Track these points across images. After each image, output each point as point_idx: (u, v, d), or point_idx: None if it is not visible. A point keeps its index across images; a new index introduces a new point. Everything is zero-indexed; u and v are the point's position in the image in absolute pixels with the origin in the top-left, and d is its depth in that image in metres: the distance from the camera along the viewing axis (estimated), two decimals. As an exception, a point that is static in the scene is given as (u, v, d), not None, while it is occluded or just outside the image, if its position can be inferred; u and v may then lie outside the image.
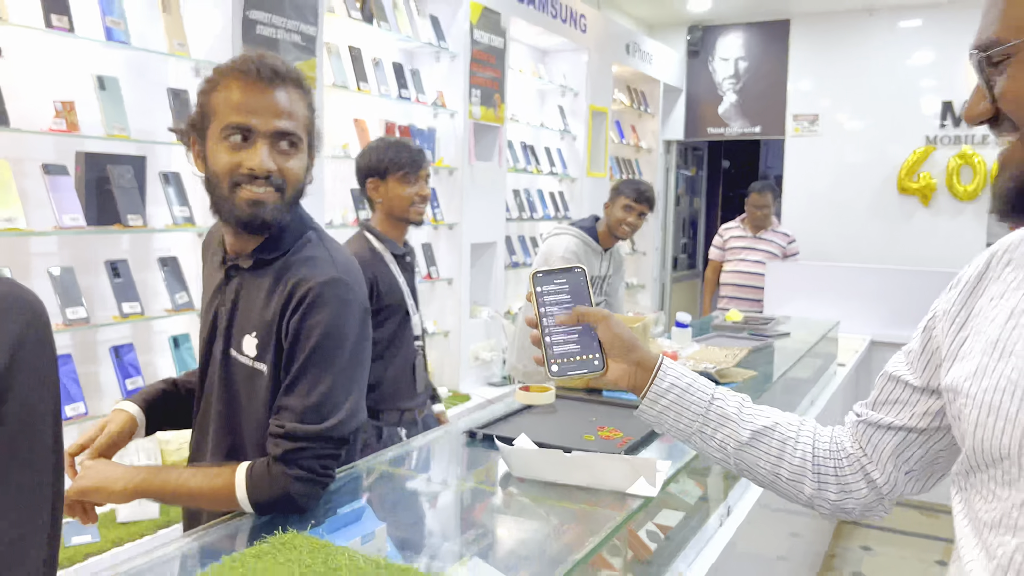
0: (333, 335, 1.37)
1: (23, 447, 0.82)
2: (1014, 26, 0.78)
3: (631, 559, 1.77)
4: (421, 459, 1.81)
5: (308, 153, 1.45)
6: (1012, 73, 0.79)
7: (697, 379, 1.12)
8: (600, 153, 6.18)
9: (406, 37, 4.05)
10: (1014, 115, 0.80)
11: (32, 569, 0.85)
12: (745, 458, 1.10)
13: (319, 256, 1.44)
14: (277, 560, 1.20)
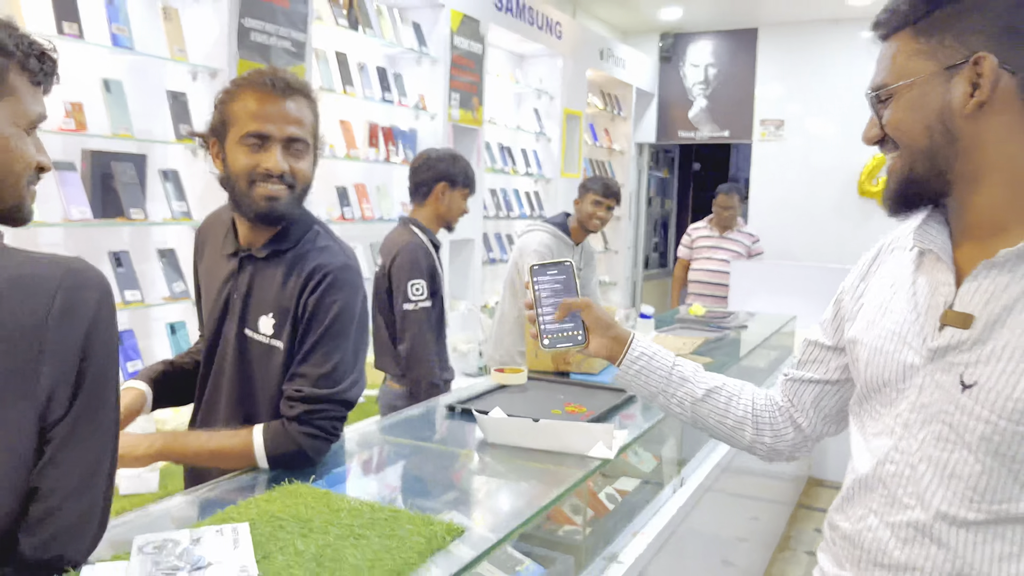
0: (345, 313, 1.60)
1: (100, 396, 1.04)
2: (895, 73, 1.05)
3: (591, 517, 2.00)
4: (407, 428, 2.03)
5: (313, 155, 1.66)
6: (894, 107, 1.06)
7: (661, 350, 1.39)
8: (574, 155, 6.42)
9: (389, 43, 4.26)
10: (895, 138, 1.07)
11: (102, 487, 1.07)
12: (699, 411, 1.35)
13: (331, 247, 1.67)
14: (286, 503, 1.41)
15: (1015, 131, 1.00)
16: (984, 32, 0.98)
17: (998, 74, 0.98)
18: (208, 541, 1.21)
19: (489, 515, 1.53)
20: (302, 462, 1.58)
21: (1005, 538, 1.01)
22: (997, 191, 1.02)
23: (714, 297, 5.37)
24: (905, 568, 1.07)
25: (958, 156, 1.02)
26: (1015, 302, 1.00)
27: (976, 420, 1.01)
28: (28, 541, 1.02)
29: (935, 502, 1.05)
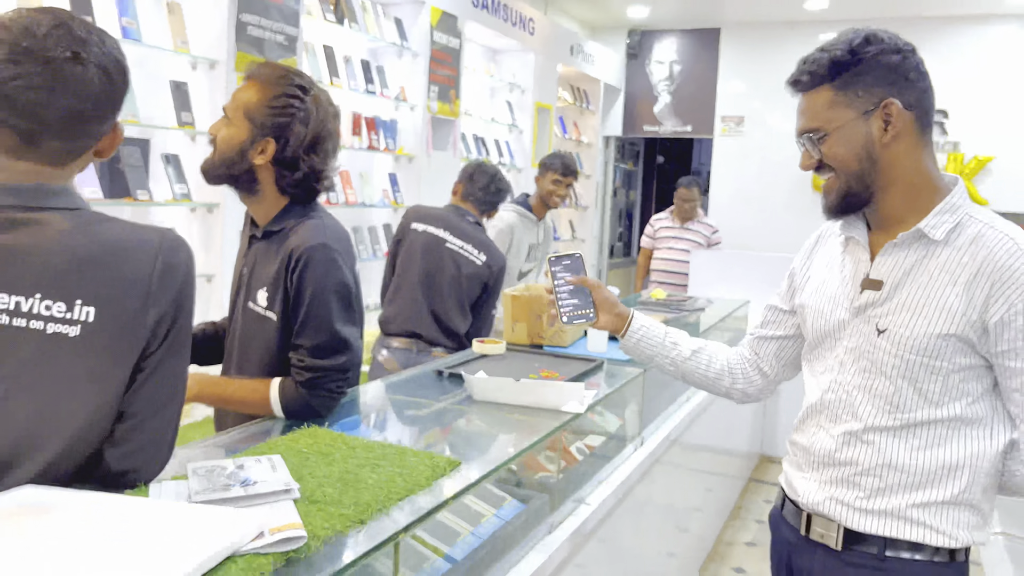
0: (323, 291, 1.78)
1: (182, 339, 1.29)
2: (825, 119, 1.41)
3: (564, 467, 2.27)
4: (403, 387, 2.29)
5: (241, 128, 1.78)
6: (829, 144, 1.41)
7: (655, 323, 1.76)
8: (544, 146, 6.69)
9: (373, 37, 4.49)
10: (834, 166, 1.42)
11: (174, 415, 1.32)
12: (687, 367, 1.73)
13: (314, 226, 1.83)
14: (307, 442, 1.66)
15: (912, 151, 1.39)
16: (883, 83, 1.37)
17: (902, 113, 1.36)
18: (250, 466, 1.45)
19: (480, 454, 1.80)
20: (312, 416, 1.82)
21: (915, 435, 1.41)
22: (900, 195, 1.41)
23: (675, 285, 5.67)
24: (846, 463, 1.46)
25: (878, 174, 1.39)
26: (911, 269, 1.40)
27: (889, 356, 1.40)
28: (112, 453, 1.26)
29: (863, 415, 1.44)
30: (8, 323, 1.14)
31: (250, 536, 1.14)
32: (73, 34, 1.17)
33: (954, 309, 1.34)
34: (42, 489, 1.19)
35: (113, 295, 1.19)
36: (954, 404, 1.38)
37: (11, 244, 1.15)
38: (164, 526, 1.13)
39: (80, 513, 1.13)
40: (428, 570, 1.59)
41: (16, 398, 1.15)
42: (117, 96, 1.27)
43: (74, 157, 1.24)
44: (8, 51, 1.15)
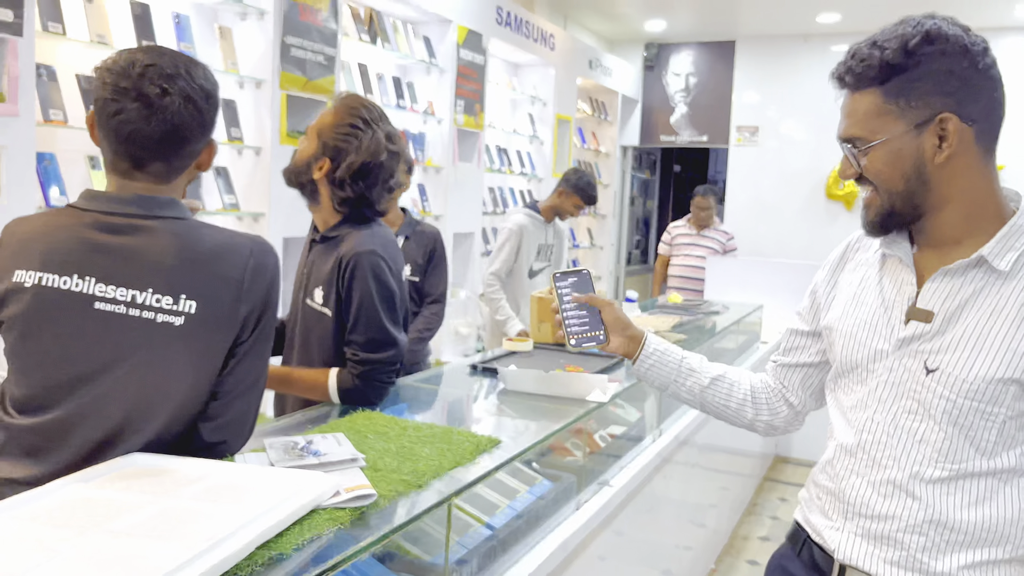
0: (369, 293, 2.00)
1: (268, 330, 1.52)
2: (870, 129, 1.21)
3: (588, 452, 2.49)
4: (444, 380, 2.52)
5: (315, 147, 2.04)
6: (872, 158, 1.22)
7: (671, 346, 1.57)
8: (564, 156, 6.92)
9: (403, 55, 4.74)
10: (876, 183, 1.24)
11: (257, 396, 1.55)
12: (706, 397, 1.54)
13: (366, 233, 2.07)
14: (364, 423, 1.89)
15: (971, 169, 1.19)
16: (941, 93, 1.16)
17: (960, 128, 1.16)
18: (318, 442, 1.68)
19: (515, 435, 2.02)
20: (364, 402, 2.04)
21: (965, 490, 1.22)
22: (955, 215, 1.22)
23: (692, 291, 5.85)
24: (886, 517, 1.27)
25: (929, 195, 1.21)
26: (967, 302, 1.20)
27: (939, 398, 1.21)
28: (205, 426, 1.49)
29: (908, 463, 1.25)
30: (125, 312, 1.36)
31: (330, 493, 1.36)
32: (162, 72, 1.36)
33: (1019, 351, 1.16)
34: (153, 456, 1.42)
35: (212, 291, 1.41)
36: (1008, 454, 1.21)
37: (129, 245, 1.37)
38: (261, 483, 1.36)
39: (193, 474, 1.36)
40: (472, 535, 1.80)
41: (130, 376, 1.38)
42: (206, 120, 1.44)
43: (177, 173, 1.45)
44: (111, 91, 1.35)
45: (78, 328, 1.36)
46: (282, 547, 1.19)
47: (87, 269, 1.36)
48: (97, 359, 1.37)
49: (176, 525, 1.15)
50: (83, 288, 1.36)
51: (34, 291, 1.36)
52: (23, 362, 1.40)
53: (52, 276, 1.36)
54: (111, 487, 1.27)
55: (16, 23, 2.56)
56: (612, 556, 2.40)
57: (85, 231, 1.37)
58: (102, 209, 1.38)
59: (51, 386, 1.38)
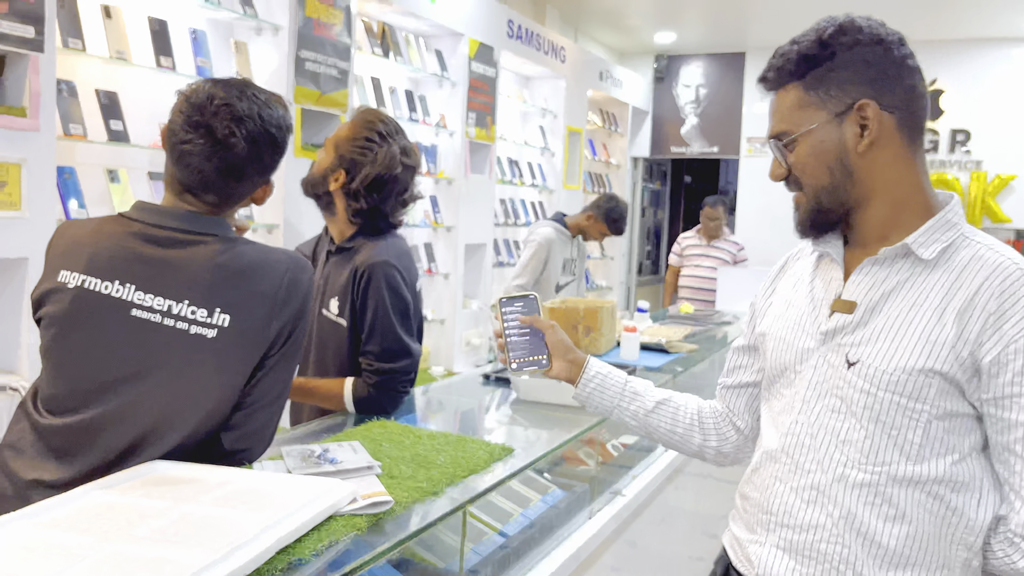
0: (383, 304, 2.02)
1: (297, 345, 1.55)
2: (793, 122, 1.21)
3: (601, 462, 2.50)
4: (456, 390, 2.54)
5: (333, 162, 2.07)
6: (797, 152, 1.22)
7: (614, 370, 1.50)
8: (575, 168, 6.95)
9: (416, 68, 4.79)
10: (801, 179, 1.23)
11: (279, 408, 1.58)
12: (651, 422, 1.47)
13: (382, 244, 2.10)
14: (380, 432, 1.91)
15: (896, 160, 1.18)
16: (858, 82, 1.16)
17: (880, 115, 1.15)
18: (335, 450, 1.70)
19: (528, 443, 2.03)
20: (379, 411, 2.07)
21: (890, 500, 1.14)
22: (882, 209, 1.19)
23: (702, 301, 5.86)
24: (808, 527, 1.20)
25: (854, 187, 1.19)
26: (891, 291, 1.16)
27: (860, 392, 1.15)
28: (227, 436, 1.51)
29: (831, 465, 1.18)
30: (160, 321, 1.41)
31: (347, 500, 1.38)
32: (235, 113, 1.41)
33: (940, 341, 1.10)
34: (174, 463, 1.44)
35: (246, 306, 1.44)
36: (937, 461, 1.13)
37: (171, 257, 1.42)
38: (280, 490, 1.38)
39: (213, 480, 1.38)
40: (486, 542, 1.82)
41: (159, 384, 1.42)
42: (267, 163, 1.49)
43: (229, 205, 1.49)
44: (184, 120, 1.42)
45: (114, 332, 1.40)
46: (301, 552, 1.22)
47: (128, 276, 1.41)
48: (129, 365, 1.40)
49: (197, 530, 1.18)
50: (122, 294, 1.41)
51: (76, 292, 1.41)
52: (58, 360, 1.44)
53: (95, 280, 1.41)
54: (133, 494, 1.30)
55: (37, 39, 2.61)
56: (624, 567, 2.41)
57: (131, 240, 1.42)
58: (150, 221, 1.43)
59: (82, 387, 1.42)
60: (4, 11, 2.52)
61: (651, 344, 3.18)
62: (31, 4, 2.59)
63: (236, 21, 3.55)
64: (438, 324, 5.21)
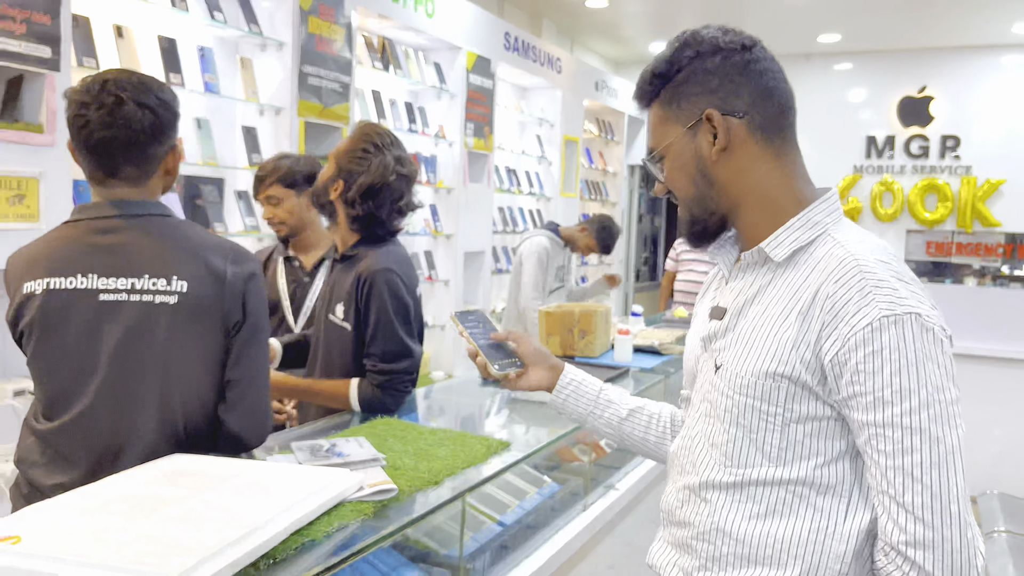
0: (385, 309, 2.14)
1: (257, 324, 1.64)
2: (657, 138, 1.24)
3: (594, 458, 2.61)
4: (456, 391, 2.65)
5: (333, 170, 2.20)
6: (667, 167, 1.24)
7: (588, 377, 1.50)
8: (572, 176, 7.07)
9: (415, 81, 4.92)
10: (673, 192, 1.25)
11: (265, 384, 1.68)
12: (625, 429, 1.45)
13: (382, 252, 2.21)
14: (383, 428, 2.02)
15: (755, 163, 1.17)
16: (704, 92, 1.17)
17: (728, 122, 1.16)
18: (342, 444, 1.81)
19: (524, 438, 2.15)
20: (383, 410, 2.17)
21: (754, 498, 1.14)
22: (753, 214, 1.19)
23: (698, 305, 5.95)
24: (684, 523, 1.24)
25: (719, 195, 1.19)
26: (754, 296, 1.17)
27: (722, 396, 1.17)
28: (229, 416, 1.62)
29: (703, 468, 1.20)
30: (127, 299, 1.53)
31: (354, 488, 1.49)
32: (119, 83, 1.53)
33: (785, 344, 1.09)
34: (192, 456, 1.56)
35: (198, 275, 1.56)
36: (800, 464, 1.11)
37: (123, 241, 1.54)
38: (292, 479, 1.49)
39: (230, 471, 1.49)
40: (484, 531, 1.93)
41: (140, 356, 1.54)
42: (164, 124, 1.58)
43: (148, 177, 1.60)
44: (76, 107, 1.53)
45: (88, 319, 1.53)
46: (313, 534, 1.33)
47: (88, 267, 1.53)
48: (108, 345, 1.53)
49: (218, 514, 1.28)
50: (87, 284, 1.53)
51: (44, 295, 1.53)
52: (44, 363, 1.56)
53: (58, 279, 1.53)
54: (155, 484, 1.40)
55: (54, 59, 2.73)
56: (621, 565, 2.51)
57: (82, 237, 1.54)
58: (93, 215, 1.55)
59: (71, 379, 1.54)
60: (23, 32, 2.65)
61: (644, 346, 3.29)
62: (48, 25, 2.71)
63: (241, 38, 3.68)
64: (438, 330, 5.32)
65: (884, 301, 1.03)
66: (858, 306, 1.04)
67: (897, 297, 1.03)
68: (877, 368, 1.02)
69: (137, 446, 1.54)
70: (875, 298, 1.03)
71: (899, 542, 1.02)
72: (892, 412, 1.02)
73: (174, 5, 3.20)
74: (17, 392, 2.68)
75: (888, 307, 1.03)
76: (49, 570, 1.11)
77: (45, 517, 1.26)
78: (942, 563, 0.99)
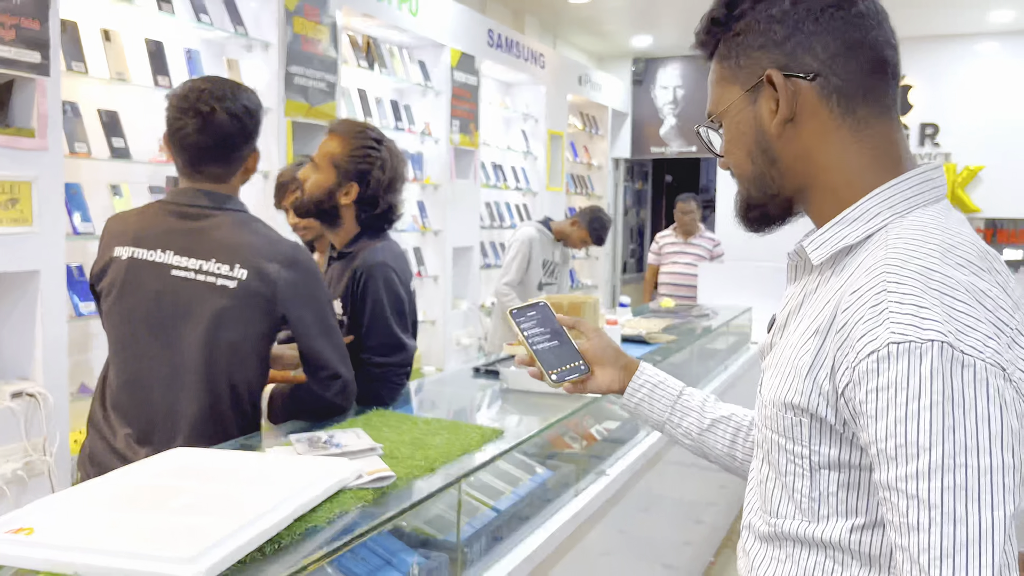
0: (379, 302, 2.20)
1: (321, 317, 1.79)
2: (715, 101, 1.01)
3: (585, 445, 2.67)
4: (449, 382, 2.71)
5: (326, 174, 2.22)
6: (724, 136, 1.02)
7: (668, 378, 1.26)
8: (557, 171, 7.13)
9: (400, 79, 4.96)
10: (730, 165, 1.02)
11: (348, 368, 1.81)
12: (707, 442, 1.23)
13: (378, 247, 2.26)
14: (379, 420, 2.07)
15: (826, 137, 0.93)
16: (766, 47, 0.93)
17: (795, 85, 0.92)
18: (339, 435, 1.86)
19: (517, 427, 2.21)
20: (378, 402, 2.22)
21: (792, 559, 0.94)
22: (824, 201, 0.96)
23: (683, 297, 6.03)
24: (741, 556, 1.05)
25: (783, 175, 0.97)
26: (798, 307, 0.96)
27: (758, 427, 0.99)
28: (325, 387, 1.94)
29: (748, 509, 1.03)
30: (194, 277, 1.78)
31: (353, 476, 1.54)
32: (214, 94, 1.76)
33: (801, 368, 0.88)
34: (196, 450, 1.61)
35: (257, 267, 1.79)
36: (835, 523, 0.89)
37: (199, 227, 1.80)
38: (293, 469, 1.54)
39: (233, 463, 1.55)
40: (480, 516, 1.99)
41: (197, 325, 1.78)
42: (249, 131, 1.83)
43: (231, 175, 1.85)
44: (176, 110, 1.77)
45: (158, 289, 1.79)
46: (317, 520, 1.38)
47: (167, 245, 1.80)
48: (173, 313, 1.79)
49: (224, 503, 1.34)
50: (164, 259, 1.80)
51: (128, 262, 1.81)
52: (115, 322, 1.83)
53: (142, 250, 1.81)
54: (161, 477, 1.46)
55: (44, 64, 2.76)
56: (614, 551, 2.58)
57: (167, 217, 1.82)
58: (180, 201, 1.82)
59: (134, 342, 1.81)
60: (12, 38, 2.68)
61: (632, 336, 3.36)
62: (37, 30, 2.74)
63: (228, 40, 3.71)
64: (429, 325, 5.38)
65: (899, 322, 0.78)
66: (867, 327, 0.80)
67: (921, 318, 0.77)
68: (881, 411, 0.78)
69: (186, 411, 1.78)
70: (889, 317, 0.79)
71: None
72: (896, 474, 0.77)
73: (160, 8, 3.23)
74: (15, 394, 2.71)
75: (901, 330, 0.77)
76: (65, 559, 1.15)
77: (55, 509, 1.31)
78: None
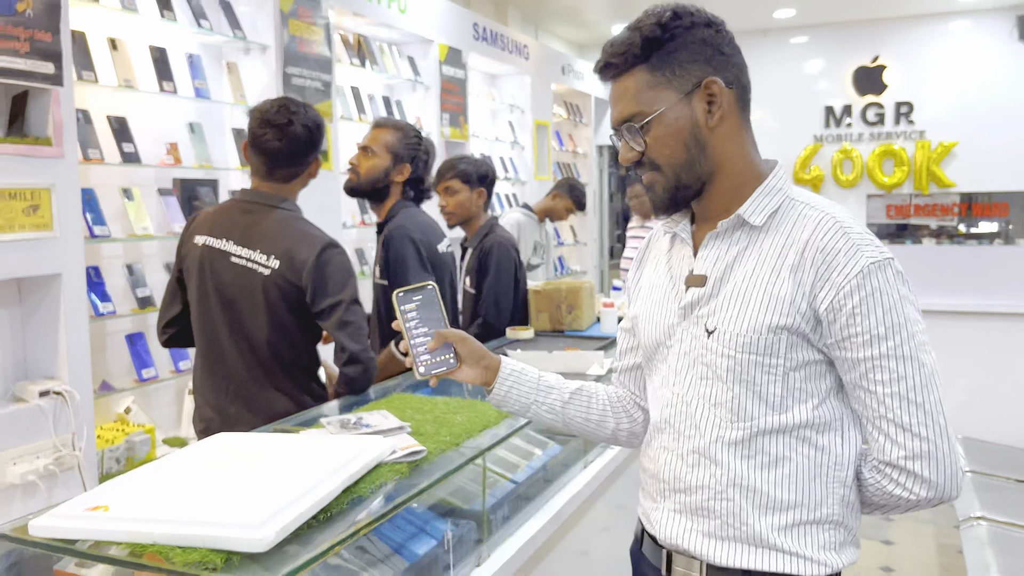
0: (401, 262, 2.61)
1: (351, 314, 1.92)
2: (645, 104, 1.24)
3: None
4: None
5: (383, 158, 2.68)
6: (653, 132, 1.25)
7: (527, 367, 1.49)
8: (544, 159, 7.27)
9: (391, 75, 5.07)
10: (658, 158, 1.26)
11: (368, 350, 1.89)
12: (568, 412, 1.49)
13: (401, 215, 2.69)
14: (400, 403, 2.21)
15: (736, 134, 1.27)
16: (699, 60, 1.23)
17: (721, 90, 1.23)
18: (367, 417, 2.00)
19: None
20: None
21: (763, 450, 1.23)
22: (725, 183, 1.27)
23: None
24: (696, 488, 1.28)
25: (707, 161, 1.26)
26: (734, 260, 1.25)
27: (721, 357, 1.23)
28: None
29: (708, 428, 1.26)
30: (245, 264, 2.18)
31: (388, 451, 1.68)
32: (289, 110, 2.21)
33: (781, 298, 1.19)
34: (242, 435, 1.74)
35: (291, 257, 2.16)
36: (799, 408, 1.22)
37: (252, 221, 2.21)
38: (334, 447, 1.68)
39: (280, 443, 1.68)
40: (500, 488, 2.14)
41: (246, 302, 2.18)
42: (315, 141, 2.25)
43: (295, 177, 2.28)
44: (258, 123, 2.22)
45: (221, 272, 2.19)
46: (361, 491, 1.52)
47: (230, 235, 2.20)
48: (231, 293, 2.19)
49: (276, 477, 1.47)
50: (226, 248, 2.20)
51: (202, 248, 2.22)
52: (195, 294, 2.23)
53: (212, 239, 2.22)
54: (215, 455, 1.59)
55: (57, 74, 2.86)
56: (614, 526, 2.73)
57: (234, 212, 2.24)
58: (244, 199, 2.26)
59: (203, 318, 2.22)
60: (27, 50, 2.78)
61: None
62: (49, 42, 2.84)
63: (226, 44, 3.82)
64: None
65: (868, 250, 1.17)
66: (848, 256, 1.16)
67: (876, 246, 1.19)
68: (872, 309, 1.16)
69: (238, 375, 2.19)
70: (860, 248, 1.17)
71: (898, 458, 1.18)
72: (887, 346, 1.16)
73: (163, 16, 3.33)
74: (43, 392, 2.82)
75: (872, 255, 1.17)
76: (145, 529, 1.27)
77: (124, 488, 1.43)
78: (939, 469, 1.16)
